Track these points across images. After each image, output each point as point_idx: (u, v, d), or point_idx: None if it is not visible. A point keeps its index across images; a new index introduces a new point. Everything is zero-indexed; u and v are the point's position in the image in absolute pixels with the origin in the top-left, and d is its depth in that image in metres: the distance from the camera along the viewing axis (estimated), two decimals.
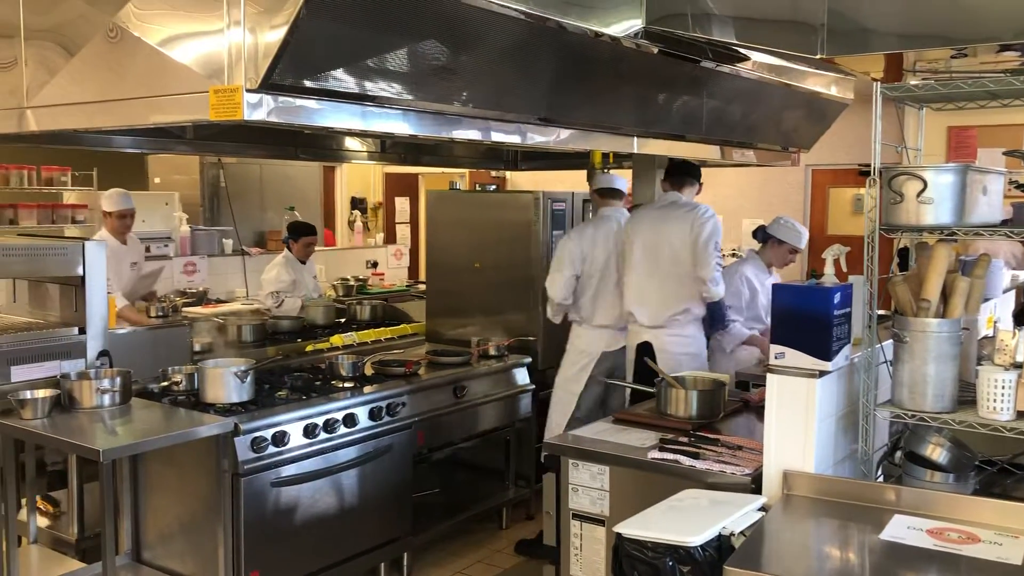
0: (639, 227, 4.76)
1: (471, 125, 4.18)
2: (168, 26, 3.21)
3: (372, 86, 3.43)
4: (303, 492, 3.80)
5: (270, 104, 3.15)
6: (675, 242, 4.59)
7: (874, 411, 2.74)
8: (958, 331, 2.67)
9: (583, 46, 4.10)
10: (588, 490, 3.14)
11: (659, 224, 4.71)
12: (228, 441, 3.52)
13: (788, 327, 2.73)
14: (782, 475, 2.69)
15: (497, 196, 5.50)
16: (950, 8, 3.65)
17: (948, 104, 3.07)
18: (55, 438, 3.34)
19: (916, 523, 2.42)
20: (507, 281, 5.18)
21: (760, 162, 6.73)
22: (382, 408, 4.13)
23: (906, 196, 2.59)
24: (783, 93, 5.76)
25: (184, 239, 7.48)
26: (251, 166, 8.60)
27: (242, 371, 3.76)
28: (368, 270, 8.52)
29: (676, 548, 2.37)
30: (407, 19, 3.30)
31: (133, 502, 3.93)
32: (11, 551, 3.77)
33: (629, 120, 5.03)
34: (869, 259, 2.72)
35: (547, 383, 5.22)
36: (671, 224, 4.66)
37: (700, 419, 3.46)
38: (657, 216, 4.77)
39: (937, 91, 2.68)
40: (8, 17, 3.74)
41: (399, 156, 7.56)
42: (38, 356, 3.73)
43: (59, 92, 3.61)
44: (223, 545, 3.56)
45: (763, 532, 2.46)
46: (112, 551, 3.39)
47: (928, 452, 2.82)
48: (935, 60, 8.03)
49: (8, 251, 3.74)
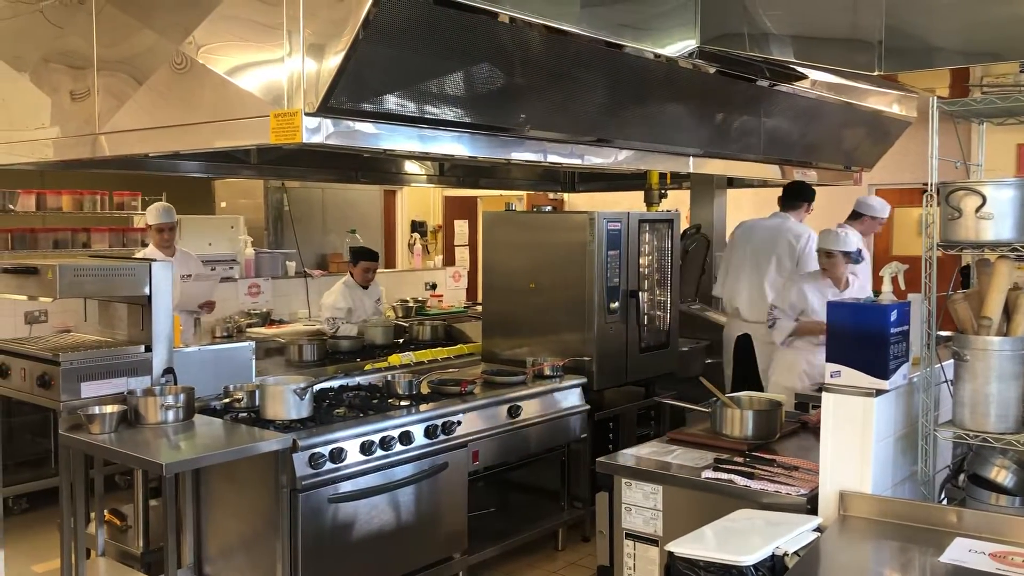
0: (750, 235, 5.95)
1: (529, 147, 4.23)
2: (231, 55, 3.33)
3: (428, 109, 3.50)
4: (359, 508, 3.84)
5: (328, 128, 3.24)
6: (780, 251, 5.72)
7: (934, 431, 2.68)
8: (1021, 349, 2.61)
9: (638, 67, 4.12)
10: (641, 510, 3.13)
11: (768, 234, 5.84)
12: (287, 457, 3.59)
13: (844, 345, 2.69)
14: (838, 495, 2.64)
15: (552, 217, 5.51)
16: (1009, 23, 3.59)
17: (1009, 119, 3.00)
18: (121, 452, 3.45)
19: (978, 546, 2.36)
20: (562, 301, 5.18)
21: (821, 181, 6.65)
22: (437, 426, 4.16)
23: (964, 212, 2.55)
24: (843, 111, 5.70)
25: (249, 261, 7.66)
26: (313, 190, 8.79)
27: (301, 388, 3.83)
28: (427, 292, 8.61)
29: (729, 567, 2.34)
30: (462, 43, 3.36)
31: (196, 517, 4.02)
32: (80, 563, 3.88)
33: (685, 140, 5.03)
34: (927, 276, 2.67)
35: (602, 404, 5.21)
36: (777, 235, 5.78)
37: (756, 439, 3.42)
38: (767, 227, 5.93)
39: (996, 105, 2.63)
40: (82, 50, 3.91)
41: (457, 179, 7.67)
42: (106, 373, 3.86)
43: (128, 119, 3.76)
44: (281, 560, 3.62)
45: (818, 553, 2.42)
46: (174, 564, 3.48)
47: (992, 475, 2.75)
48: (1002, 75, 7.84)
49: (80, 272, 3.88)
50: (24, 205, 6.90)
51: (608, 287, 5.13)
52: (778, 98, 5.09)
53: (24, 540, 5.02)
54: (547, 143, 4.28)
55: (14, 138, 4.41)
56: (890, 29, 3.80)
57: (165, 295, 4.00)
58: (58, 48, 4.08)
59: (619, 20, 3.92)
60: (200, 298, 6.13)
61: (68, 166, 4.69)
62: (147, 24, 3.62)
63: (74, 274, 3.82)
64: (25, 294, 4.01)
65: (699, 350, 6.09)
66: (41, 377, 3.83)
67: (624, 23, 3.94)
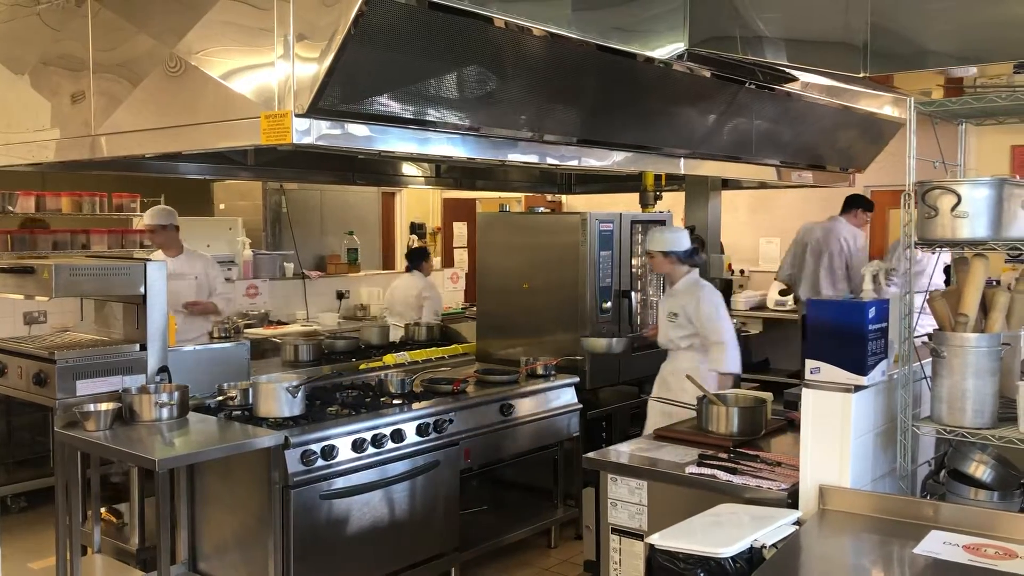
0: (810, 234, 7.13)
1: (524, 148, 4.27)
2: (223, 58, 3.38)
3: (421, 110, 3.54)
4: (351, 505, 3.89)
5: (320, 129, 3.28)
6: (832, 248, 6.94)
7: (911, 426, 2.72)
8: (998, 346, 2.64)
9: (629, 69, 4.16)
10: (627, 505, 3.17)
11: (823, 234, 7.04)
12: (279, 454, 3.63)
13: (823, 342, 2.73)
14: (818, 490, 2.68)
15: (545, 218, 5.56)
16: (995, 26, 3.63)
17: (989, 119, 3.04)
18: (115, 448, 3.50)
19: (953, 539, 2.39)
20: (556, 301, 5.23)
21: (817, 183, 6.70)
22: (429, 424, 4.21)
23: (940, 210, 2.58)
24: (835, 113, 5.74)
25: (247, 263, 7.71)
26: (312, 192, 8.84)
27: (293, 386, 3.88)
28: None
29: (707, 560, 2.38)
30: (453, 45, 3.41)
31: (190, 514, 4.07)
32: (75, 559, 3.93)
33: (678, 141, 5.07)
34: (905, 273, 2.71)
35: (594, 403, 5.25)
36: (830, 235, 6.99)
37: (741, 436, 3.46)
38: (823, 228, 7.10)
39: (971, 106, 2.67)
40: (79, 53, 3.96)
41: (454, 180, 7.70)
42: (102, 371, 3.91)
43: (124, 120, 3.81)
44: (273, 556, 3.67)
45: (795, 545, 2.46)
46: (168, 561, 3.52)
47: (971, 470, 2.78)
48: (996, 76, 7.88)
49: (76, 271, 3.94)
50: (23, 206, 6.95)
51: (600, 287, 5.18)
52: (768, 100, 5.13)
53: (22, 538, 5.08)
54: (543, 145, 4.32)
55: (13, 140, 4.46)
56: (876, 31, 3.84)
57: (160, 295, 4.05)
58: (56, 51, 4.14)
59: (610, 23, 3.96)
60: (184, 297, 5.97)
61: (67, 167, 4.74)
62: (141, 28, 3.67)
63: (70, 273, 3.89)
64: (22, 293, 4.07)
65: None
66: (37, 375, 3.89)
67: (615, 26, 3.99)
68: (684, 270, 4.61)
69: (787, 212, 8.64)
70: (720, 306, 4.52)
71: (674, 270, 4.61)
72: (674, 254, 4.58)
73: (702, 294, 4.50)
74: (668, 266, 4.62)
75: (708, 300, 4.48)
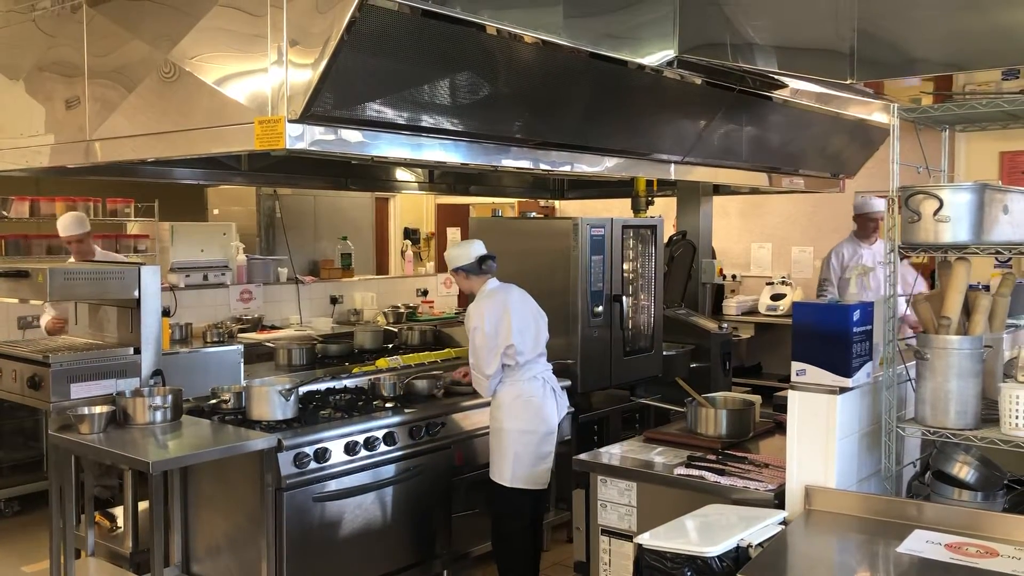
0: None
1: (518, 154, 4.30)
2: (217, 64, 3.41)
3: (414, 116, 3.58)
4: (344, 507, 3.91)
5: (313, 134, 3.32)
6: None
7: (896, 427, 2.76)
8: (980, 348, 2.69)
9: (620, 76, 4.20)
10: (616, 506, 3.20)
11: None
12: (272, 456, 3.66)
13: (809, 344, 2.78)
14: (804, 490, 2.72)
15: (537, 223, 5.59)
16: (979, 34, 3.68)
17: (971, 126, 3.09)
18: (109, 451, 3.52)
19: (935, 538, 2.44)
20: (547, 306, 5.24)
21: (808, 188, 6.75)
22: (421, 427, 4.24)
23: (923, 215, 2.63)
24: (824, 119, 5.79)
25: (241, 268, 7.71)
26: (305, 197, 8.87)
27: (286, 390, 3.91)
28: (418, 298, 8.67)
29: (694, 559, 2.42)
30: (445, 52, 3.44)
31: (183, 516, 4.09)
32: (69, 563, 3.95)
33: (668, 147, 5.12)
34: (889, 276, 2.76)
35: (586, 406, 5.28)
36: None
37: (730, 438, 3.50)
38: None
39: (953, 112, 2.72)
40: (74, 59, 4.00)
41: (447, 186, 7.74)
42: (96, 374, 3.93)
43: (118, 126, 3.84)
44: (266, 558, 3.69)
45: (780, 544, 2.50)
46: (161, 563, 3.54)
47: (955, 470, 2.82)
48: (985, 83, 7.93)
49: (71, 275, 3.96)
50: (18, 211, 6.98)
51: (592, 291, 5.21)
52: (758, 106, 5.18)
53: (15, 542, 5.09)
54: (535, 151, 4.36)
55: (8, 145, 4.49)
56: (863, 38, 3.89)
57: (154, 298, 4.07)
58: (50, 57, 4.17)
59: (601, 30, 4.01)
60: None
61: (62, 173, 4.77)
62: (136, 34, 3.71)
63: (64, 277, 3.90)
64: (17, 297, 4.09)
65: (684, 354, 6.16)
66: (31, 378, 3.91)
67: (606, 33, 4.03)
68: (482, 281, 4.51)
69: (778, 218, 8.69)
70: (487, 318, 4.28)
71: (472, 283, 4.52)
72: (462, 270, 4.49)
73: (473, 305, 4.41)
74: (465, 282, 4.53)
75: (474, 311, 4.37)
